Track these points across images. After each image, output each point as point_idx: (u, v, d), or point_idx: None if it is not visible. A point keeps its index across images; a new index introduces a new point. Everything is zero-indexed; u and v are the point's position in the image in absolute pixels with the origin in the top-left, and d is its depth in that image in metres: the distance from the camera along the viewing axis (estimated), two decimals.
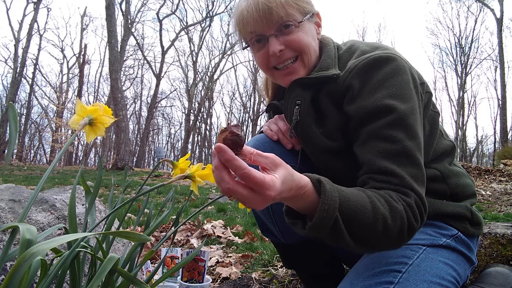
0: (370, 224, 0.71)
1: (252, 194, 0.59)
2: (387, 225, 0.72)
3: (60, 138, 21.13)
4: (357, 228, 0.71)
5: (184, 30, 24.18)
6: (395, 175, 0.78)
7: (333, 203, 0.67)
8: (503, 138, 17.18)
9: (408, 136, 0.81)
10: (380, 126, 0.82)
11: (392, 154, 0.80)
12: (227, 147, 0.57)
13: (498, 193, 4.61)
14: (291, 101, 0.97)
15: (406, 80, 0.85)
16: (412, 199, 0.76)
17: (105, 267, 0.48)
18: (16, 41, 20.48)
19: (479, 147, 27.38)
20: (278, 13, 0.90)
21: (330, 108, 0.94)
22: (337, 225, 0.68)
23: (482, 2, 19.43)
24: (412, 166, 0.79)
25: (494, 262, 1.21)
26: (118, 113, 11.74)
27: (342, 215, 0.68)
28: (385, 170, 0.79)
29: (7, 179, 7.08)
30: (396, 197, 0.76)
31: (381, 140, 0.82)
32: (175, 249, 1.43)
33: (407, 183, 0.77)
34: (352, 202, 0.70)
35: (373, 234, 0.72)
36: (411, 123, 0.82)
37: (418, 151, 0.81)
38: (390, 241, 0.76)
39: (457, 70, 23.65)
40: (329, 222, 0.67)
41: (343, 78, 0.90)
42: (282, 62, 0.95)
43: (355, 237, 0.71)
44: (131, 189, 5.47)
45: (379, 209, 0.71)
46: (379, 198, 0.74)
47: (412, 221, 0.75)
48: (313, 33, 0.98)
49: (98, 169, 0.82)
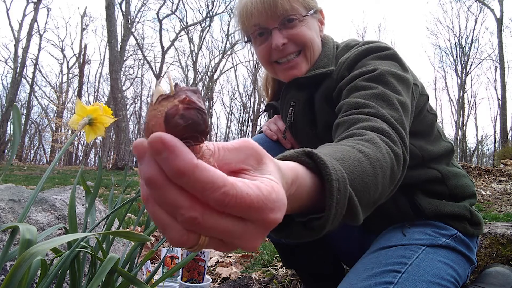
0: (372, 176, 0.52)
1: (242, 226, 0.30)
2: (382, 166, 0.56)
3: (60, 138, 21.14)
4: (363, 191, 0.50)
5: (184, 30, 24.19)
6: (369, 106, 0.70)
7: (341, 176, 0.45)
8: (503, 138, 17.17)
9: (388, 88, 0.76)
10: (359, 80, 0.80)
11: (369, 96, 0.73)
12: (177, 140, 0.26)
13: (498, 193, 4.61)
14: (286, 102, 0.97)
15: (399, 64, 0.86)
16: (387, 127, 0.65)
17: (105, 267, 0.48)
18: (16, 41, 20.48)
19: (479, 147, 27.39)
20: (283, 6, 0.90)
21: (323, 106, 0.94)
22: (351, 203, 0.46)
23: (482, 2, 19.43)
24: (389, 108, 0.70)
25: (494, 262, 1.21)
26: (118, 113, 11.74)
27: (352, 187, 0.47)
28: (357, 104, 0.72)
29: (7, 179, 7.08)
30: (367, 129, 0.63)
31: (358, 89, 0.78)
32: (175, 249, 1.43)
33: (380, 113, 0.68)
34: (349, 161, 0.51)
35: (376, 187, 0.54)
36: (391, 81, 0.78)
37: (398, 102, 0.73)
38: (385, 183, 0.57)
39: (457, 70, 23.62)
40: (344, 203, 0.44)
41: (337, 71, 0.91)
42: (284, 56, 0.95)
43: (365, 201, 0.51)
44: (131, 189, 5.47)
45: (370, 155, 0.55)
46: (357, 143, 0.58)
47: (394, 147, 0.61)
48: (316, 29, 0.98)
49: (98, 169, 0.82)
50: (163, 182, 0.27)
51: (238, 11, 0.98)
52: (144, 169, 0.27)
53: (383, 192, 0.57)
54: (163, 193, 0.27)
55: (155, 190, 0.27)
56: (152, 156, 0.26)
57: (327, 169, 0.42)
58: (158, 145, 0.25)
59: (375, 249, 0.90)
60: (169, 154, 0.25)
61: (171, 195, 0.27)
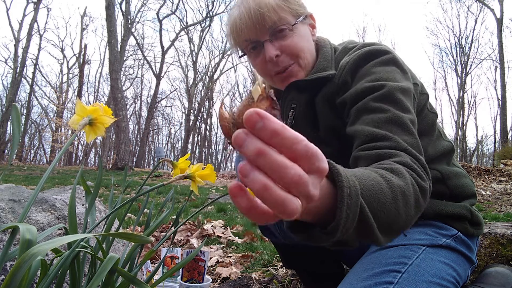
0: (391, 200, 0.55)
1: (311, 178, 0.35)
2: (405, 194, 0.59)
3: (60, 138, 21.14)
4: (380, 210, 0.53)
5: (184, 30, 24.18)
6: (387, 139, 0.71)
7: (353, 185, 0.47)
8: (503, 138, 17.17)
9: (398, 109, 0.77)
10: (368, 100, 0.80)
11: (383, 122, 0.75)
12: (266, 112, 0.34)
13: (498, 193, 4.61)
14: (286, 104, 0.97)
15: (398, 69, 0.86)
16: (408, 159, 0.67)
17: (105, 267, 0.48)
18: (16, 41, 20.48)
19: (479, 147, 27.38)
20: (270, 18, 0.90)
21: (325, 110, 0.94)
22: (363, 214, 0.50)
23: (482, 2, 19.43)
24: (404, 134, 0.73)
25: (494, 262, 1.21)
26: (118, 113, 11.74)
27: (365, 199, 0.50)
28: (375, 136, 0.72)
29: (7, 179, 7.07)
30: (394, 162, 0.65)
31: (369, 112, 0.78)
32: (175, 249, 1.43)
33: (400, 145, 0.70)
34: (367, 181, 0.53)
35: (396, 211, 0.57)
36: (401, 98, 0.79)
37: (412, 124, 0.76)
38: (410, 212, 0.61)
39: (457, 70, 23.64)
40: (355, 210, 0.47)
41: (338, 76, 0.90)
42: (279, 68, 0.95)
43: (382, 221, 0.54)
44: (131, 189, 5.47)
45: (393, 182, 0.57)
46: (380, 170, 0.61)
47: (420, 181, 0.64)
48: (308, 35, 0.98)
49: (98, 169, 0.82)
50: (267, 149, 0.33)
51: (228, 28, 0.98)
52: (250, 148, 0.33)
53: (408, 220, 0.60)
54: (270, 158, 0.33)
55: (264, 159, 0.33)
56: (250, 130, 0.33)
57: (340, 177, 0.46)
58: (255, 117, 0.32)
59: (375, 249, 0.90)
60: (265, 121, 0.32)
61: (277, 157, 0.33)
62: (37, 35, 23.31)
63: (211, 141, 30.29)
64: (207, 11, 23.55)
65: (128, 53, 23.82)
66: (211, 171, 0.78)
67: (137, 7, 31.64)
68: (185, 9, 43.68)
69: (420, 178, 0.65)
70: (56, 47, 28.03)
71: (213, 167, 0.78)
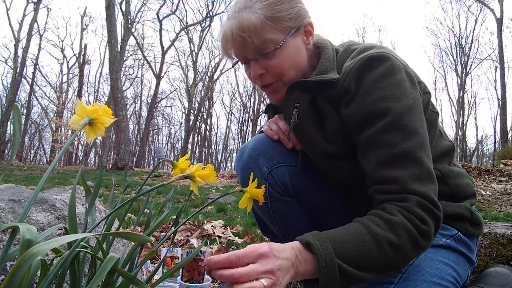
0: (376, 252, 0.71)
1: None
2: (394, 244, 0.72)
3: (60, 138, 21.14)
4: (366, 262, 0.71)
5: (184, 30, 24.17)
6: (394, 181, 0.78)
7: (328, 256, 0.69)
8: (503, 138, 17.17)
9: (406, 137, 0.80)
10: (376, 131, 0.82)
11: (391, 159, 0.80)
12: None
13: (498, 193, 4.61)
14: (289, 104, 0.97)
15: (401, 78, 0.85)
16: (413, 202, 0.75)
17: (105, 267, 0.48)
18: (16, 41, 20.47)
19: (479, 147, 27.38)
20: (253, 42, 0.89)
21: (330, 112, 0.94)
22: (344, 271, 0.69)
23: (482, 2, 19.42)
24: (413, 167, 0.78)
25: (494, 262, 1.21)
26: (118, 113, 11.74)
27: (343, 260, 0.69)
28: (384, 179, 0.80)
29: (7, 179, 7.07)
30: (394, 209, 0.76)
31: (378, 147, 0.82)
32: (175, 249, 1.43)
33: (406, 188, 0.77)
34: (347, 242, 0.71)
35: (386, 259, 0.72)
36: (407, 123, 0.81)
37: (419, 149, 0.80)
38: (407, 255, 0.75)
39: (457, 70, 23.64)
40: (334, 273, 0.68)
41: (341, 82, 0.90)
42: (263, 84, 0.97)
43: (371, 270, 0.72)
44: (131, 189, 5.47)
45: (379, 234, 0.72)
46: (377, 220, 0.75)
47: (419, 224, 0.74)
48: (299, 48, 0.95)
49: (98, 169, 0.81)
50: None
51: (220, 39, 0.99)
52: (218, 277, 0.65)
53: (405, 258, 0.77)
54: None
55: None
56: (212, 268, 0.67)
57: (316, 254, 0.69)
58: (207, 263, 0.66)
59: None
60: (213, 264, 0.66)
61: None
62: (37, 35, 23.34)
63: (211, 141, 30.31)
64: (207, 11, 23.55)
65: (128, 53, 23.84)
66: (211, 171, 0.78)
67: (137, 7, 31.70)
68: (185, 9, 43.72)
69: (421, 221, 0.74)
70: (56, 47, 28.09)
71: (213, 167, 0.78)
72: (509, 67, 23.77)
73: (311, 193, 1.05)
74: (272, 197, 1.03)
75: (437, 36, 33.11)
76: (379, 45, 0.94)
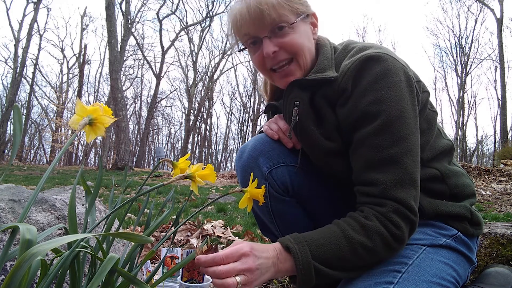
0: (350, 254, 0.78)
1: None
2: (367, 247, 0.78)
3: (60, 138, 21.15)
4: (340, 263, 0.79)
5: (184, 30, 24.17)
6: (376, 185, 0.82)
7: (305, 259, 0.76)
8: (503, 138, 17.17)
9: (394, 142, 0.82)
10: (367, 133, 0.85)
11: (376, 163, 0.83)
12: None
13: (498, 193, 4.61)
14: (289, 102, 0.97)
15: (397, 80, 0.85)
16: (389, 208, 0.80)
17: (105, 267, 0.48)
18: (16, 41, 20.47)
19: (479, 147, 27.37)
20: (270, 15, 0.90)
21: (327, 109, 0.94)
22: (320, 271, 0.77)
23: (482, 2, 19.43)
24: (396, 171, 0.81)
25: (494, 262, 1.21)
26: (118, 113, 11.74)
27: (319, 261, 0.77)
28: (367, 181, 0.84)
29: (7, 179, 7.07)
30: (371, 213, 0.81)
31: (367, 148, 0.85)
32: (175, 249, 1.43)
33: (385, 193, 0.80)
34: (324, 245, 0.78)
35: (360, 260, 0.80)
36: (398, 127, 0.83)
37: (405, 155, 0.82)
38: (381, 256, 0.81)
39: (457, 70, 23.64)
40: (310, 273, 0.76)
41: (338, 81, 0.91)
42: (277, 63, 0.96)
43: (345, 269, 0.80)
44: (131, 189, 5.47)
45: (353, 238, 0.78)
46: (353, 224, 0.81)
47: (393, 229, 0.79)
48: (308, 34, 0.98)
49: (98, 169, 0.82)
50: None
51: (229, 21, 0.99)
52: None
53: (378, 258, 0.82)
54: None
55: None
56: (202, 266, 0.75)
57: (295, 257, 0.77)
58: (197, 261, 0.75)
59: None
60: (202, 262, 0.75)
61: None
62: (37, 35, 23.34)
63: (211, 141, 30.31)
64: (207, 11, 23.55)
65: (128, 53, 23.85)
66: (211, 171, 0.78)
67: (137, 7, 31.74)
68: (185, 9, 43.71)
69: (395, 226, 0.79)
70: (56, 47, 28.09)
71: (213, 167, 0.78)
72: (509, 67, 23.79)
73: (311, 193, 1.05)
74: (272, 197, 1.03)
75: (437, 36, 33.19)
76: (377, 44, 0.94)
